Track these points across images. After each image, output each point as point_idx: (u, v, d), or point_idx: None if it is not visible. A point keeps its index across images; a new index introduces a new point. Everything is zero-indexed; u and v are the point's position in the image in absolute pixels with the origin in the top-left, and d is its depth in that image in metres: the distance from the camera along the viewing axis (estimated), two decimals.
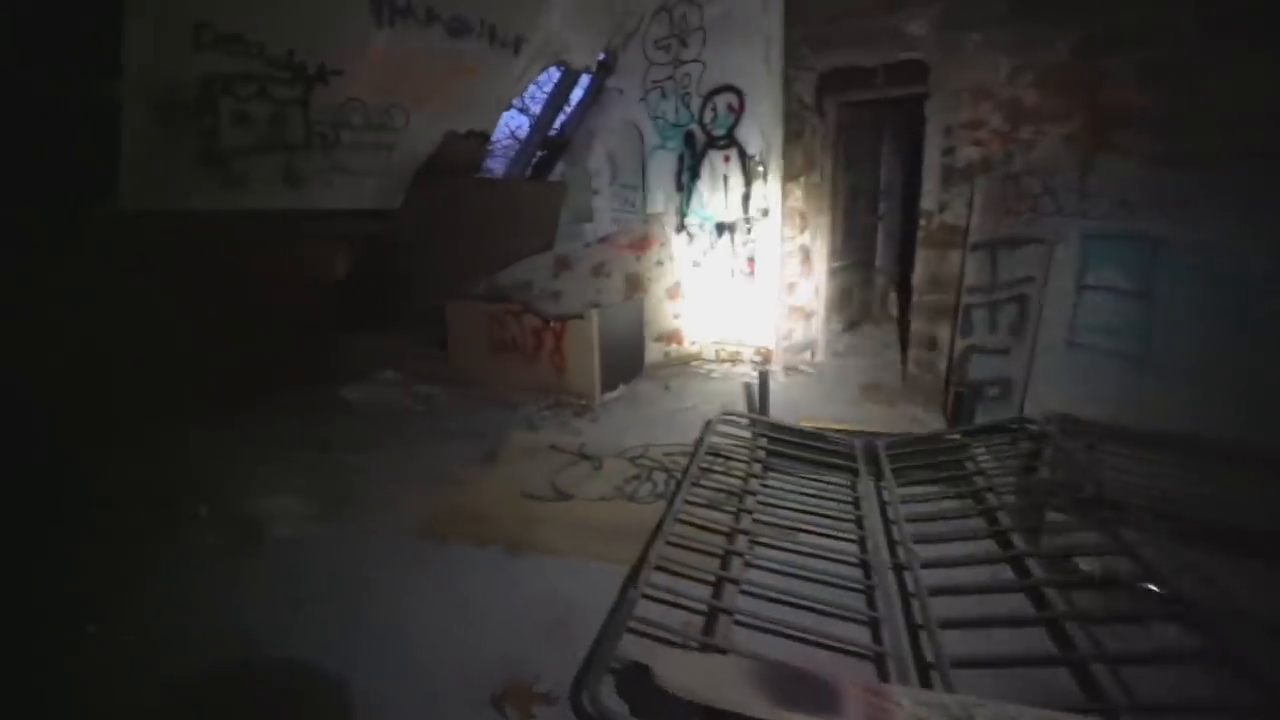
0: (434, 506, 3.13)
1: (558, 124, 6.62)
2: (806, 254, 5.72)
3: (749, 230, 5.69)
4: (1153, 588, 2.07)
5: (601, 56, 5.86)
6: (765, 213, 5.56)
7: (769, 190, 5.52)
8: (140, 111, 3.64)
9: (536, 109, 15.14)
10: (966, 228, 4.67)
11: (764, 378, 3.29)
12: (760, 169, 5.52)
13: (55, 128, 3.51)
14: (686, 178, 5.94)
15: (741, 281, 5.82)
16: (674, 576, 2.33)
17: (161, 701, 2.03)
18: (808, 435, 3.27)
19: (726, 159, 5.67)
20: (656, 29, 5.81)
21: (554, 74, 6.72)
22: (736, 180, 5.66)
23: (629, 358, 5.38)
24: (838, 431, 3.31)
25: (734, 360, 5.90)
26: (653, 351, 5.71)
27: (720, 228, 5.85)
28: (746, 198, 5.65)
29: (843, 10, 4.99)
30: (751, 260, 5.73)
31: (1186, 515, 2.42)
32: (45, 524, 3.03)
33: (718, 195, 5.80)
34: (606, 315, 4.78)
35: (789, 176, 5.54)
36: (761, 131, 5.44)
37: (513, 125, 15.63)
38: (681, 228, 6.06)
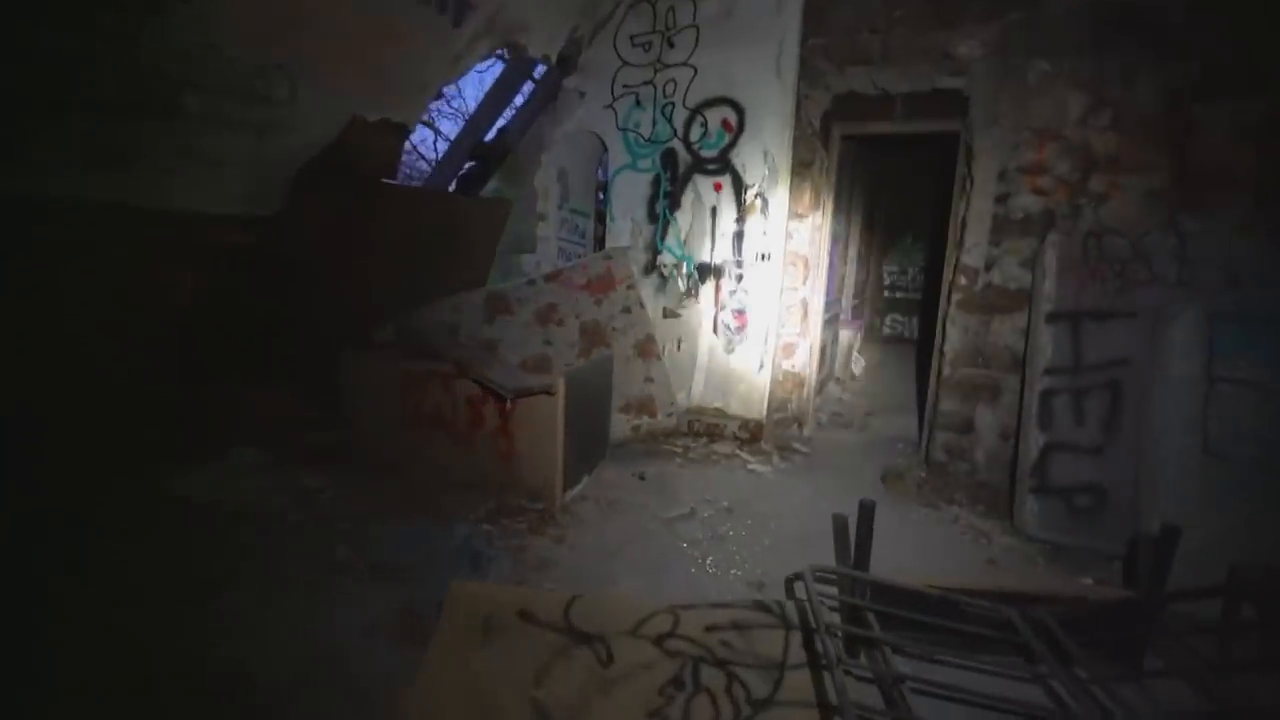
0: None
1: (495, 128, 5.25)
2: (805, 309, 4.70)
3: (740, 276, 4.59)
4: None
5: (562, 46, 4.62)
6: (765, 256, 4.49)
7: (770, 229, 4.47)
8: None
9: (448, 127, 13.66)
10: (1022, 291, 3.84)
11: (867, 513, 2.12)
12: (760, 202, 4.46)
13: None
14: (662, 206, 4.77)
15: (728, 338, 4.68)
16: None
17: None
18: (940, 604, 2.12)
19: (717, 187, 4.57)
20: (634, 23, 4.67)
21: (494, 64, 5.38)
22: (728, 214, 4.57)
23: (594, 437, 4.03)
24: (972, 594, 2.19)
25: (713, 436, 4.71)
26: (617, 424, 4.39)
27: (704, 271, 4.70)
28: (740, 236, 4.56)
29: (880, 20, 4.10)
30: (742, 313, 4.62)
31: None
32: None
33: (702, 231, 4.67)
34: (573, 382, 3.42)
35: (794, 215, 4.52)
36: (764, 157, 4.40)
37: (415, 139, 13.99)
38: (652, 268, 4.86)
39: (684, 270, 4.76)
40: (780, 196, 4.41)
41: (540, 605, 2.28)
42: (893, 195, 9.13)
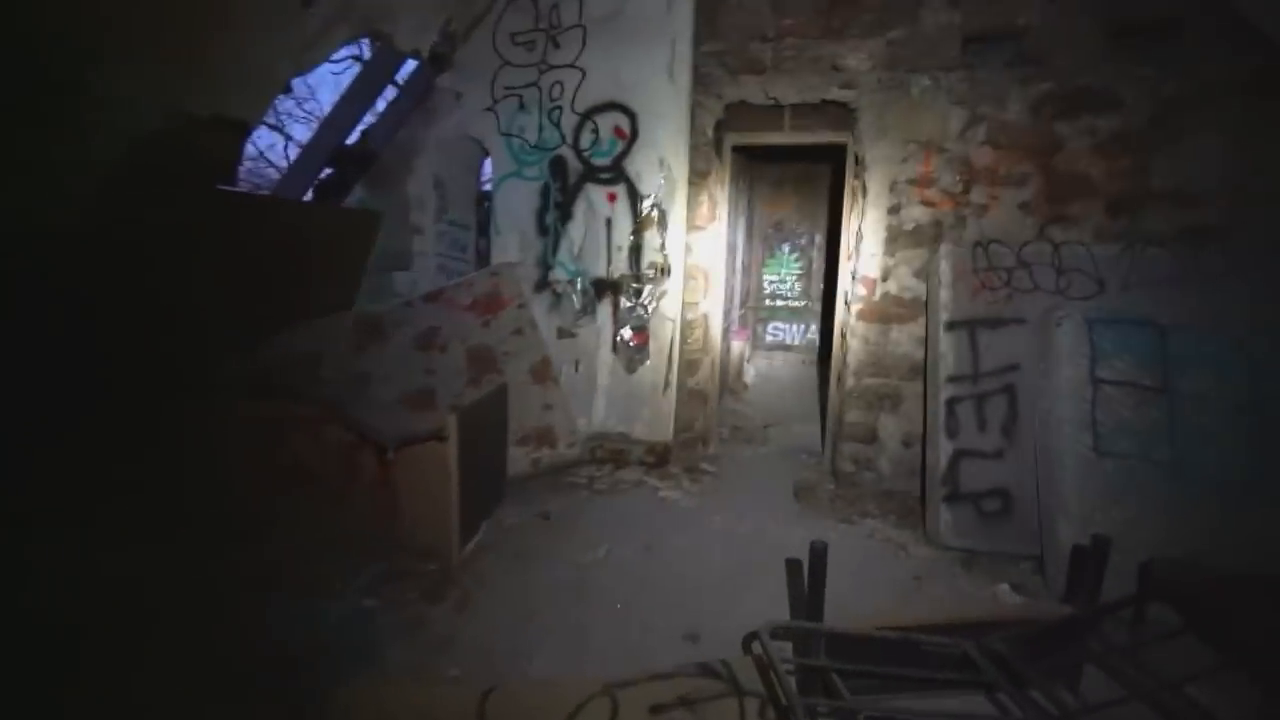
0: None
1: (357, 130, 4.64)
2: (706, 324, 4.55)
3: (639, 292, 4.34)
4: None
5: (435, 41, 4.14)
6: (664, 271, 4.28)
7: (669, 242, 4.26)
8: None
9: (301, 134, 12.29)
10: (917, 300, 3.92)
11: (819, 556, 1.91)
12: (657, 214, 4.25)
13: None
14: (553, 219, 4.42)
15: (628, 357, 4.41)
16: None
17: None
18: (900, 647, 1.95)
19: (611, 198, 4.30)
20: (515, 19, 4.30)
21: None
22: (624, 226, 4.31)
23: (491, 476, 3.59)
24: (929, 630, 2.05)
25: (618, 462, 4.41)
26: (515, 458, 3.97)
27: (600, 286, 4.41)
28: (637, 250, 4.31)
29: (770, 28, 4.03)
30: (642, 331, 4.37)
31: None
32: None
33: (597, 244, 4.37)
34: (465, 419, 2.98)
35: (693, 226, 4.35)
36: (660, 165, 4.19)
37: (261, 144, 12.63)
38: (544, 284, 4.49)
39: (578, 286, 4.43)
40: (678, 208, 4.22)
41: (446, 708, 1.84)
42: (770, 205, 9.39)
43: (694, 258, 4.38)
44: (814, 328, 9.67)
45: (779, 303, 9.83)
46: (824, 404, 4.78)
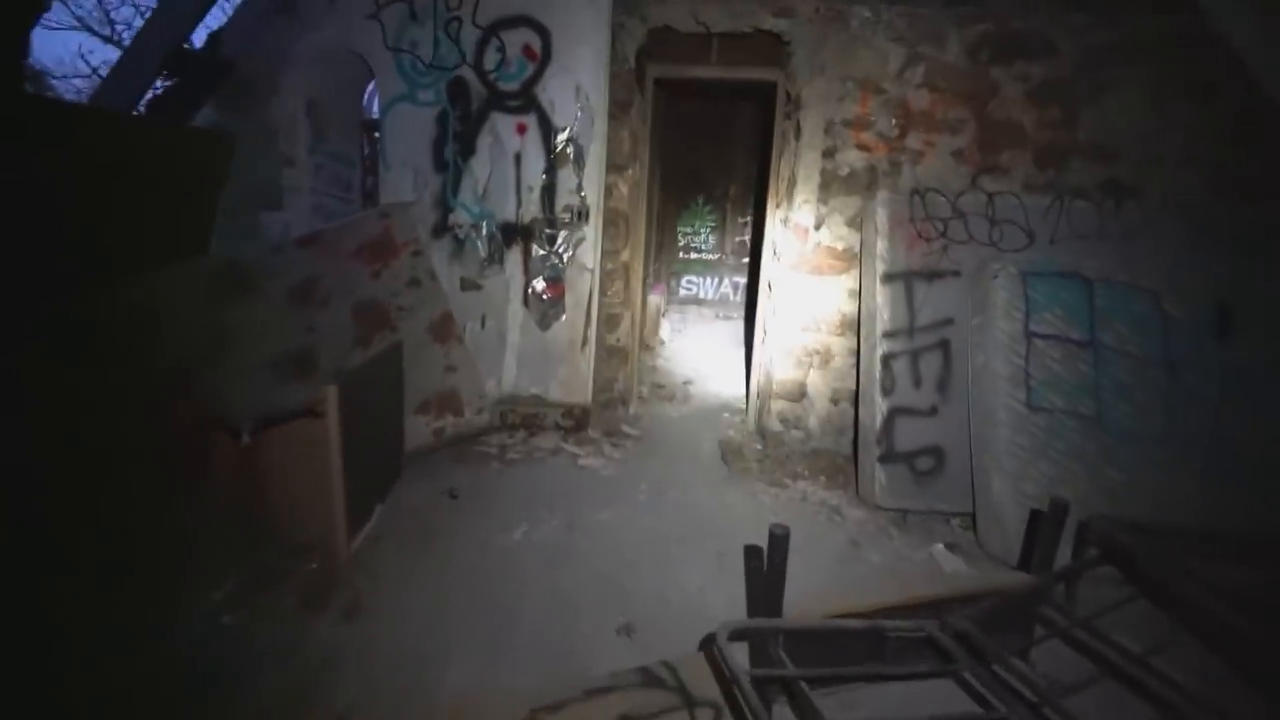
0: None
1: (203, 31, 3.79)
2: (627, 275, 4.18)
3: (554, 238, 3.89)
4: None
5: None
6: (582, 215, 3.84)
7: (587, 182, 3.81)
8: None
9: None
10: (850, 251, 3.73)
11: (779, 544, 1.64)
12: (573, 150, 3.77)
13: None
14: (453, 152, 3.83)
15: (542, 312, 3.97)
16: None
17: None
18: (864, 635, 1.75)
19: (521, 129, 3.77)
20: None
21: None
22: (535, 162, 3.81)
23: (385, 453, 3.11)
24: (892, 612, 1.86)
25: (532, 428, 4.02)
26: (415, 429, 3.48)
27: (509, 232, 3.91)
28: (551, 190, 3.83)
29: None
30: (557, 282, 3.93)
31: None
32: None
33: (505, 183, 3.85)
34: (351, 387, 2.48)
35: (612, 166, 3.92)
36: (577, 94, 3.70)
37: (69, 48, 10.83)
38: (444, 229, 3.93)
39: (484, 231, 3.91)
40: (597, 144, 3.76)
41: None
42: (684, 152, 9.02)
43: (614, 201, 3.96)
44: (728, 281, 9.54)
45: (693, 255, 9.60)
46: (748, 360, 4.59)
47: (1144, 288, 3.17)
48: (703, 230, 9.43)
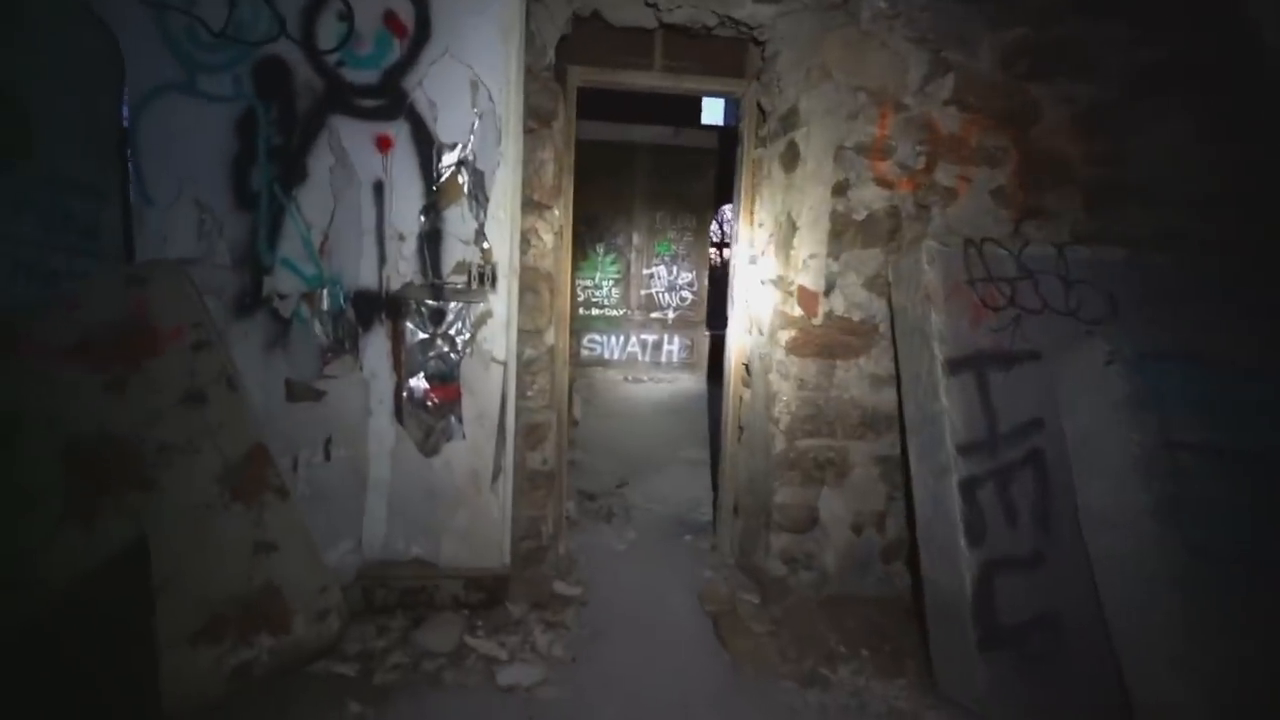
0: None
1: None
2: (552, 364, 2.85)
3: (442, 315, 2.50)
4: None
5: None
6: (485, 277, 2.48)
7: (492, 228, 2.48)
8: None
9: None
10: (869, 323, 2.69)
11: None
12: (468, 179, 2.44)
13: None
14: (268, 178, 2.35)
15: (425, 429, 2.54)
16: None
17: None
18: None
19: (383, 144, 2.38)
20: None
21: None
22: (408, 197, 2.42)
23: None
24: None
25: (417, 611, 2.52)
26: (192, 671, 1.88)
27: (368, 306, 2.46)
28: (434, 240, 2.46)
29: None
30: (448, 382, 2.53)
31: None
32: None
33: (358, 228, 2.42)
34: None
35: (533, 204, 2.62)
36: (474, 93, 2.40)
37: None
38: (256, 302, 2.40)
39: (325, 305, 2.43)
40: (507, 170, 2.46)
41: None
42: (578, 194, 7.91)
43: (534, 255, 2.65)
44: (635, 339, 8.45)
45: (594, 311, 8.42)
46: (714, 452, 3.39)
47: (1244, 365, 2.37)
48: (604, 283, 8.31)
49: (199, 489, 2.04)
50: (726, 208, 9.68)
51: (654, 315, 8.46)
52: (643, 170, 8.19)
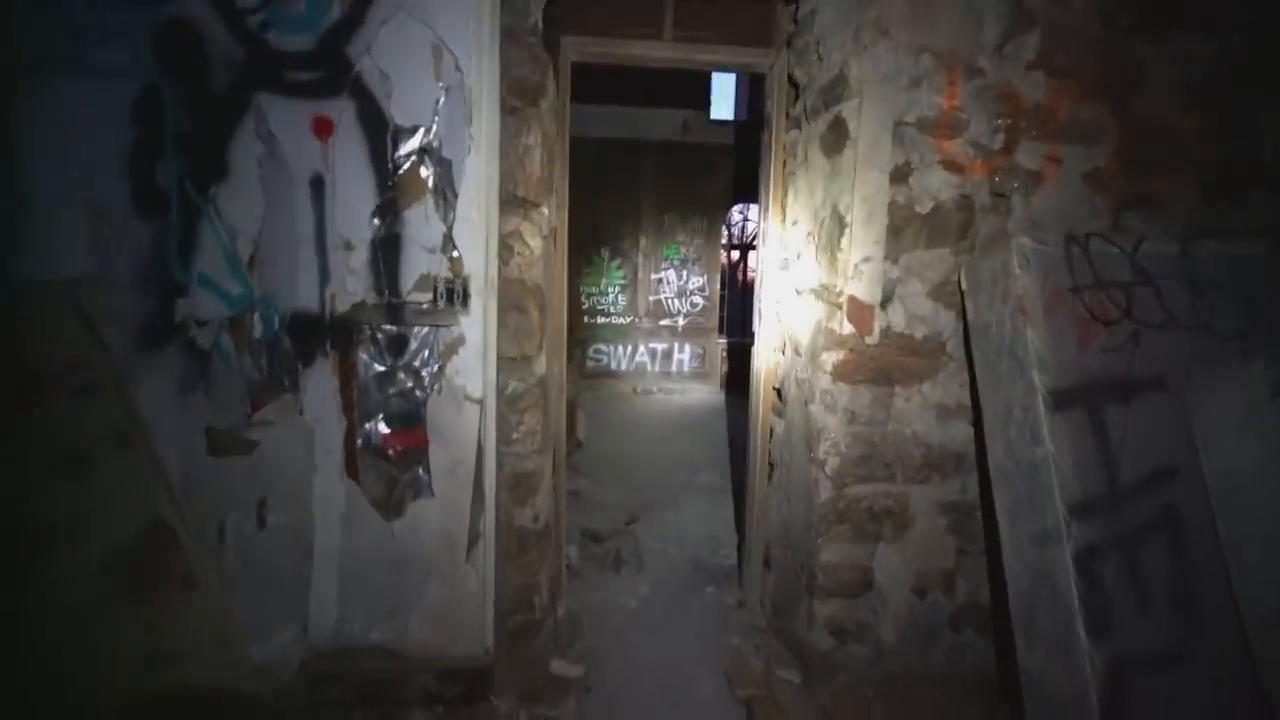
0: None
1: None
2: (544, 397, 2.33)
3: (403, 343, 2.00)
4: None
5: None
6: (456, 294, 1.98)
7: (463, 232, 1.97)
8: None
9: None
10: (933, 340, 2.17)
11: None
12: (433, 171, 1.94)
13: None
14: (177, 175, 1.86)
15: (385, 485, 2.03)
16: None
17: None
18: None
19: (323, 128, 1.88)
20: None
21: None
22: (357, 195, 1.92)
23: None
24: None
25: (378, 708, 2.02)
26: None
27: (309, 333, 1.96)
28: (391, 248, 1.95)
29: None
30: (413, 426, 2.02)
31: None
32: None
33: (294, 236, 1.92)
34: None
35: (515, 201, 2.11)
36: (437, 62, 1.89)
37: None
38: (167, 331, 1.90)
39: (254, 333, 1.93)
40: (480, 158, 1.95)
41: None
42: (582, 196, 7.40)
43: (518, 265, 2.14)
44: (644, 348, 7.95)
45: (600, 319, 7.92)
46: (736, 480, 2.86)
47: None
48: (610, 290, 7.81)
49: (76, 586, 1.55)
50: (739, 207, 9.15)
51: (663, 323, 7.94)
52: (649, 169, 7.70)
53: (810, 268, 2.34)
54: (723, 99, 8.97)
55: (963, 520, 2.29)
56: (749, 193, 8.22)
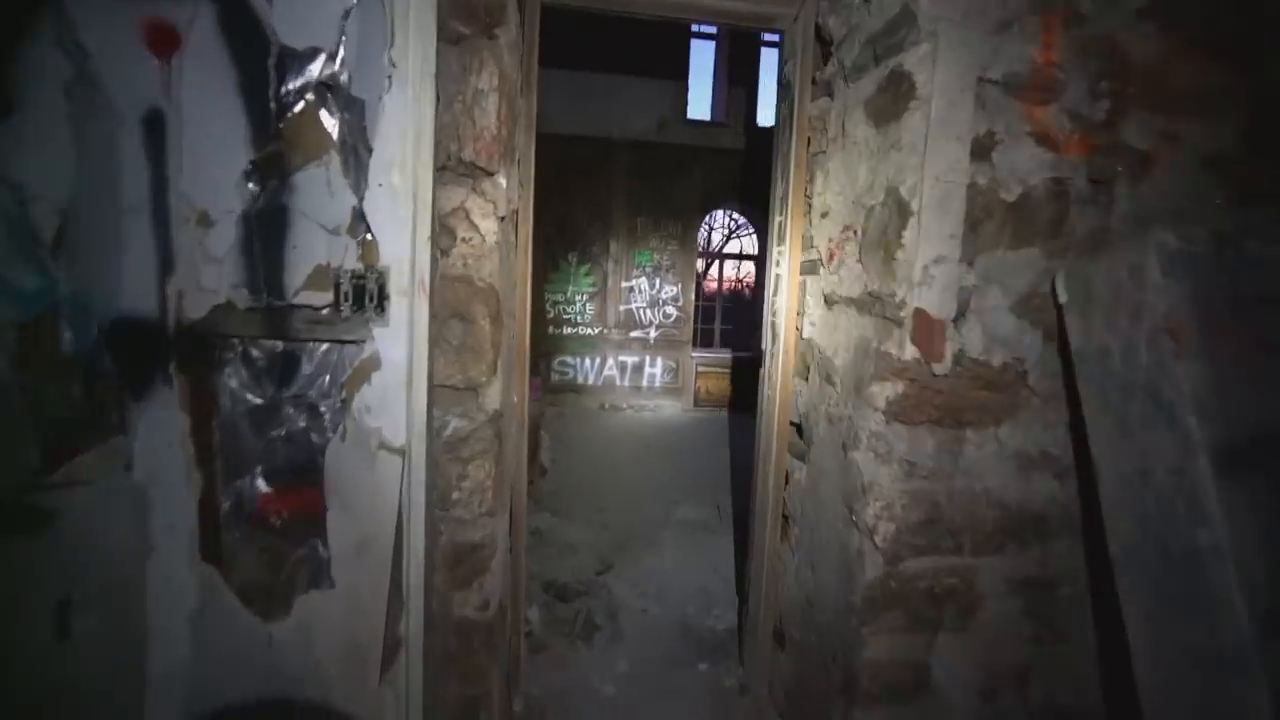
0: None
1: None
2: (499, 440, 1.72)
3: (293, 363, 1.37)
4: None
5: None
6: (370, 295, 1.36)
7: (382, 203, 1.36)
8: None
9: None
10: (1014, 368, 1.65)
11: None
12: (340, 118, 1.33)
13: None
14: None
15: (263, 567, 1.39)
16: None
17: None
18: None
19: (165, 38, 1.25)
20: None
21: None
22: (219, 141, 1.30)
23: None
24: None
25: None
26: None
27: (141, 350, 1.32)
28: (275, 224, 1.33)
29: None
30: (305, 483, 1.40)
31: None
32: None
33: (119, 203, 1.28)
34: None
35: (461, 166, 1.51)
36: None
37: None
38: None
39: (58, 345, 1.28)
40: (405, 104, 1.35)
41: None
42: (548, 197, 6.78)
43: (461, 257, 1.54)
44: (613, 361, 7.37)
45: (566, 330, 7.32)
46: (742, 541, 2.29)
47: None
48: (578, 297, 7.22)
49: None
50: (716, 213, 8.67)
51: (634, 334, 7.38)
52: (621, 169, 7.15)
53: (851, 272, 1.80)
54: (699, 100, 8.50)
55: (1041, 601, 1.77)
56: (725, 200, 7.75)
